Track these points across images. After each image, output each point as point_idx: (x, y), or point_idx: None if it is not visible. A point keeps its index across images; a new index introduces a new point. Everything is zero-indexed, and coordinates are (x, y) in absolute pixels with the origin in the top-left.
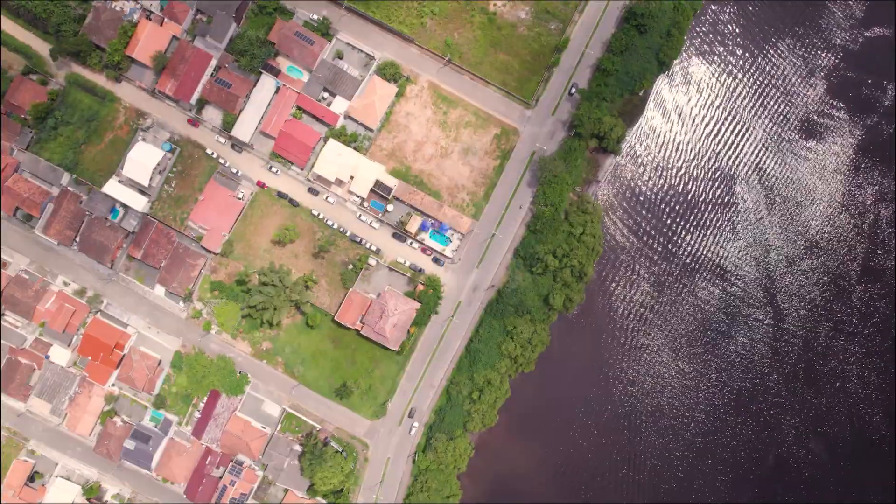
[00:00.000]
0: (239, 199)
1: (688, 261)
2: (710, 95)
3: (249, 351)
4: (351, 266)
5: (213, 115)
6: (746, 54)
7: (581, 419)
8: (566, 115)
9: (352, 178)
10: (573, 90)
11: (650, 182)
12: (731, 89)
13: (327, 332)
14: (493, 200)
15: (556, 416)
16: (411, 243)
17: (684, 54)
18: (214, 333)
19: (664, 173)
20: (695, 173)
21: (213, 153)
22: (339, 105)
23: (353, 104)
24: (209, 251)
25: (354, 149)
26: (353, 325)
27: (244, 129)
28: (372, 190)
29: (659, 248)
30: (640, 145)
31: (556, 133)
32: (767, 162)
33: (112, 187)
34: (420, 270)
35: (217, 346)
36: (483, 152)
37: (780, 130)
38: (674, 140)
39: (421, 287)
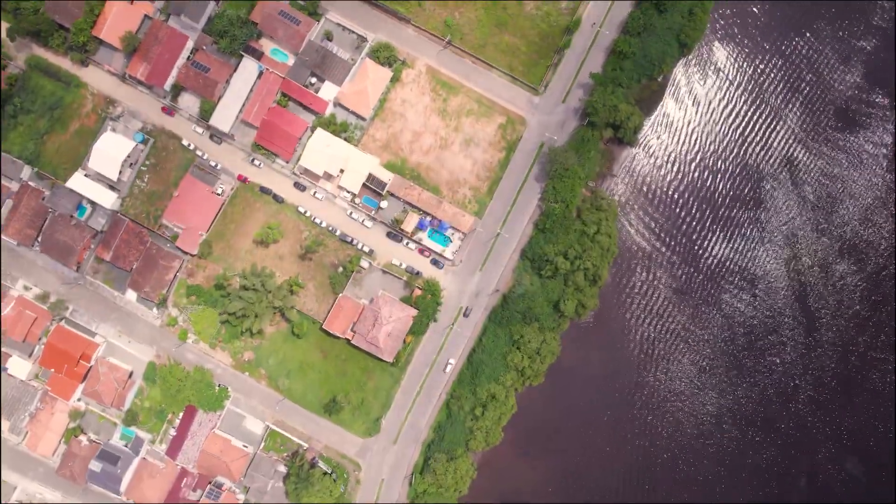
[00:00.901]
0: (218, 194)
1: (711, 264)
2: (736, 81)
3: (230, 362)
4: (341, 269)
5: (189, 102)
6: (777, 35)
7: (594, 437)
8: (578, 102)
9: (342, 171)
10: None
11: (669, 177)
12: (759, 75)
13: (315, 341)
14: (497, 196)
15: (566, 434)
16: (407, 244)
17: (708, 36)
18: (191, 343)
19: (685, 167)
20: (719, 168)
21: (189, 144)
22: (327, 91)
23: (344, 90)
24: (185, 252)
25: (345, 139)
26: (342, 333)
27: (224, 117)
28: (364, 185)
29: (679, 250)
30: (659, 136)
31: (568, 122)
32: (800, 155)
33: (77, 182)
34: (417, 273)
35: (194, 356)
36: (487, 143)
37: (814, 120)
38: (696, 131)
39: (418, 292)
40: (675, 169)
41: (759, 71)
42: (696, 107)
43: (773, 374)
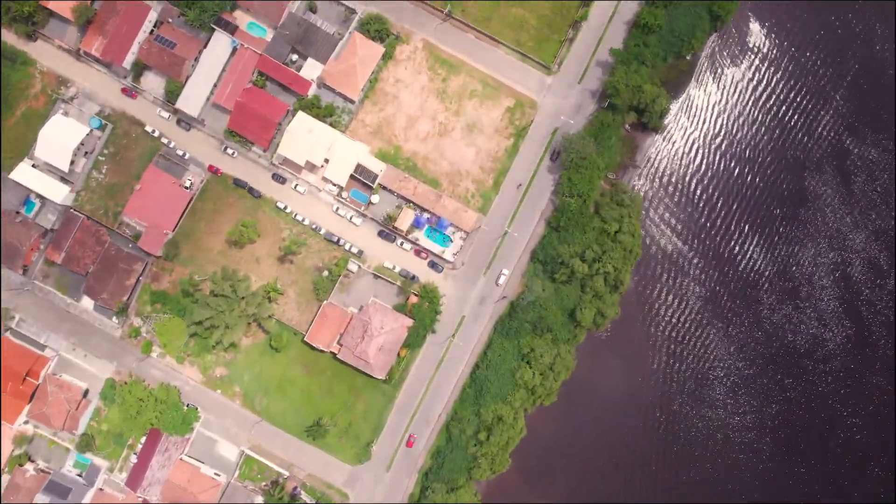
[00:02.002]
0: (186, 188)
1: (746, 269)
2: (775, 60)
3: (200, 378)
4: (326, 272)
5: (153, 82)
6: (823, 7)
7: (613, 462)
8: (596, 82)
9: (326, 161)
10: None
11: (698, 169)
12: (802, 52)
13: (296, 355)
14: (504, 190)
15: (580, 459)
16: (402, 244)
17: (744, 7)
18: (156, 357)
19: (716, 158)
20: (755, 159)
21: (153, 131)
22: (311, 70)
23: (329, 69)
24: (149, 254)
25: (330, 124)
26: (327, 347)
27: (192, 100)
28: (352, 176)
29: (709, 253)
30: (688, 122)
31: (584, 105)
32: (848, 144)
33: (23, 173)
34: (413, 278)
35: (159, 372)
36: (492, 129)
37: (865, 104)
38: (729, 117)
39: (414, 299)
40: (704, 160)
41: (801, 48)
42: (729, 89)
43: (818, 398)
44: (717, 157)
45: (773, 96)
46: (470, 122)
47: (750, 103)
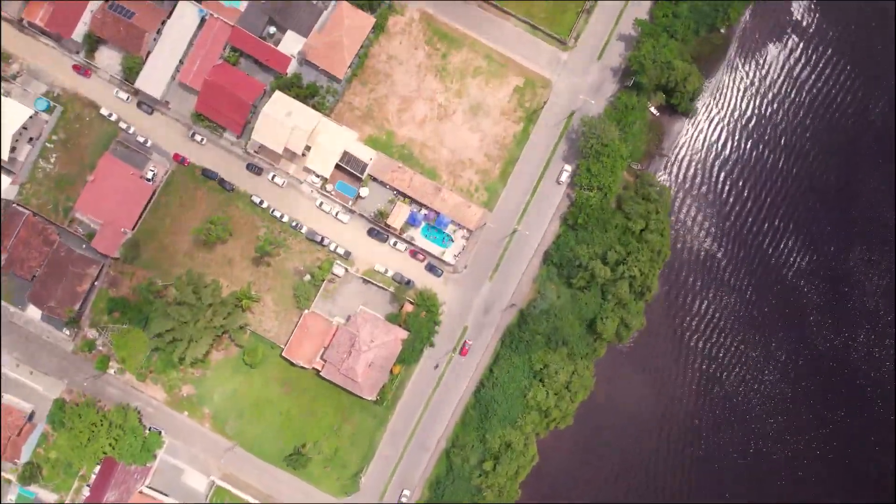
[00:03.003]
0: (148, 180)
1: (790, 277)
2: (823, 34)
3: (164, 398)
4: (308, 277)
5: (109, 58)
6: None
7: (635, 493)
8: (618, 58)
9: (308, 149)
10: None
11: (735, 158)
12: (853, 26)
13: (274, 372)
14: (513, 182)
15: (599, 489)
16: (395, 244)
17: None
18: (113, 374)
19: (755, 146)
20: (799, 148)
21: (110, 114)
22: (291, 44)
23: (312, 43)
24: (105, 255)
25: (313, 107)
26: (308, 363)
27: (154, 79)
28: (338, 166)
29: (746, 256)
30: (722, 105)
31: (605, 85)
32: None
33: None
34: (408, 283)
35: (117, 391)
36: (499, 112)
37: None
38: (769, 99)
39: (409, 308)
40: (740, 148)
41: (851, 22)
42: (769, 67)
43: (871, 420)
44: (755, 146)
45: (821, 76)
46: (473, 104)
47: (793, 83)
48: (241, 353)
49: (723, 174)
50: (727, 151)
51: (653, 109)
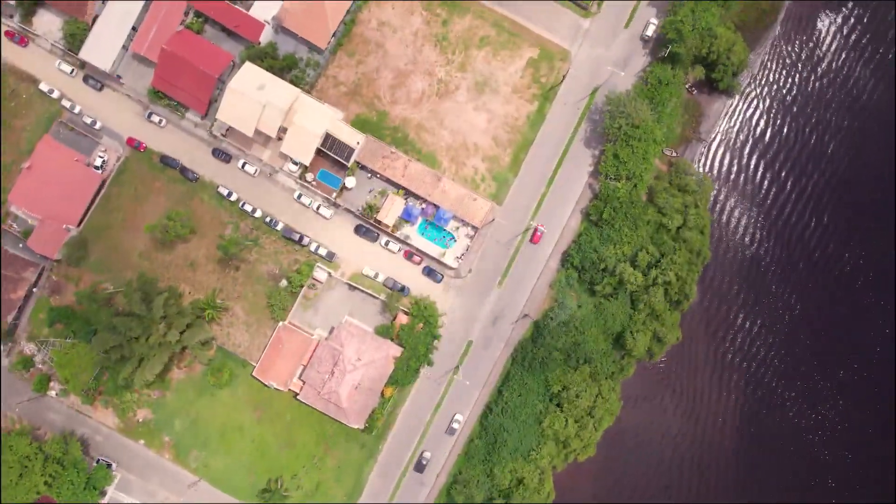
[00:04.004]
0: (97, 167)
1: (850, 286)
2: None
3: (115, 424)
4: (284, 282)
5: (49, 23)
6: None
7: None
8: (650, 26)
9: (285, 130)
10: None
11: (785, 144)
12: None
13: (245, 394)
14: (526, 170)
15: None
16: (387, 243)
17: None
18: (54, 395)
19: (808, 131)
20: (856, 136)
21: (51, 90)
22: (264, 8)
23: (289, 6)
24: (45, 257)
25: (290, 81)
26: (283, 385)
27: (103, 48)
28: (320, 151)
29: (798, 261)
30: (772, 82)
31: (634, 57)
32: None
33: None
34: (402, 290)
35: (59, 416)
36: (510, 89)
37: None
38: (826, 76)
39: (403, 319)
40: (792, 132)
41: None
42: (827, 38)
43: None
44: (810, 131)
45: (889, 50)
46: (480, 80)
47: (856, 59)
48: (205, 372)
49: (764, 162)
50: (771, 137)
51: (689, 86)
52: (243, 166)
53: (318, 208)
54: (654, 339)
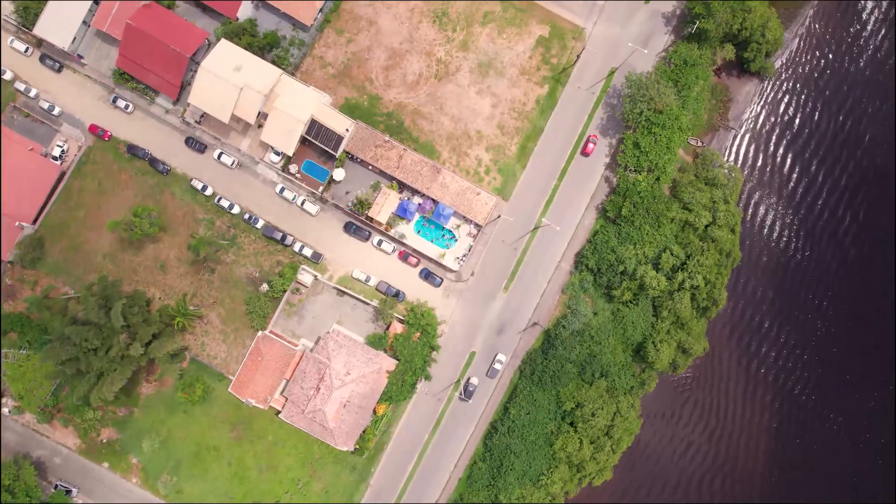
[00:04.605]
0: (55, 158)
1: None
2: None
3: (76, 445)
4: (265, 286)
5: None
6: None
7: None
8: (672, 2)
9: (264, 116)
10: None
11: (821, 133)
12: None
13: (222, 411)
14: (536, 162)
15: None
16: (380, 243)
17: None
18: (8, 413)
19: (846, 118)
20: None
21: (3, 72)
22: None
23: None
24: None
25: (272, 62)
26: (263, 402)
27: (60, 24)
28: (305, 140)
29: (837, 265)
30: (805, 63)
31: (655, 36)
32: None
33: None
34: (397, 295)
35: (13, 436)
36: (517, 71)
37: None
38: (867, 58)
39: (398, 328)
40: (827, 121)
41: None
42: (867, 17)
43: None
44: (844, 117)
45: None
46: (484, 61)
47: None
48: (176, 387)
49: (794, 152)
50: (802, 124)
51: (717, 68)
52: (219, 157)
53: (302, 204)
54: (679, 351)
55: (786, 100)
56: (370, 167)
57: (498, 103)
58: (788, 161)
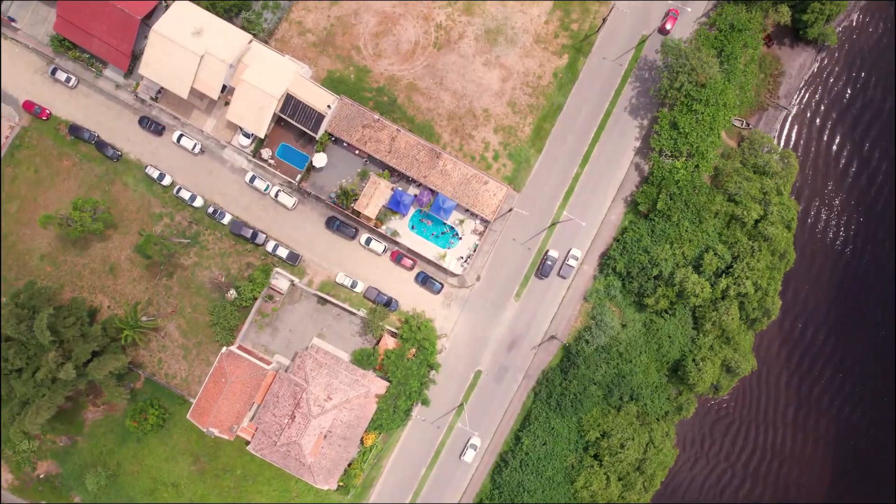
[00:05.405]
0: None
1: None
2: None
3: (7, 481)
4: (233, 293)
5: None
6: None
7: None
8: None
9: (230, 91)
10: None
11: (883, 115)
12: None
13: (183, 440)
14: (553, 145)
15: None
16: (369, 242)
17: None
18: None
19: None
20: None
21: None
22: None
23: None
24: None
25: (242, 27)
26: (227, 431)
27: None
28: (279, 119)
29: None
30: (865, 31)
31: None
32: None
33: None
34: (388, 304)
35: None
36: (531, 39)
37: None
38: None
39: (389, 342)
40: (891, 101)
41: None
42: None
43: None
44: None
45: None
46: (492, 27)
47: None
48: (127, 413)
49: (852, 136)
50: (863, 104)
51: (768, 35)
52: (179, 140)
53: (277, 195)
54: (725, 369)
55: (844, 76)
56: (357, 152)
57: (508, 77)
58: (842, 145)
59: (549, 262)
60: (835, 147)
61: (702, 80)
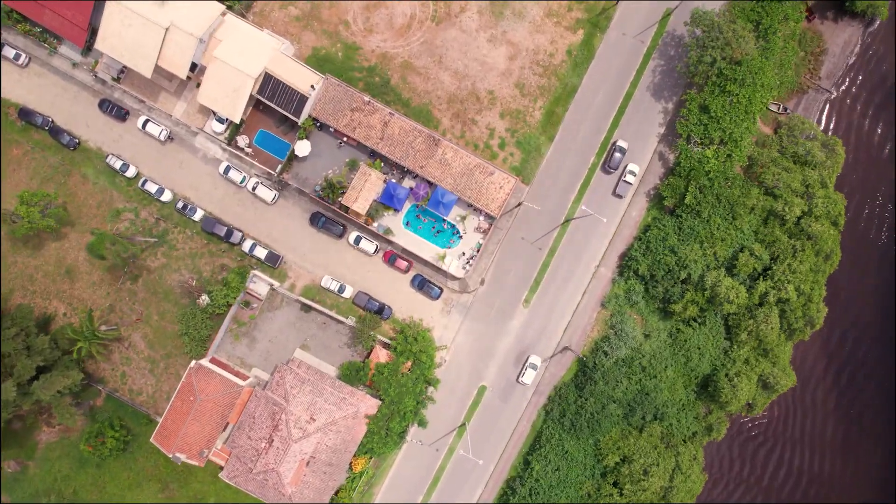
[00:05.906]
0: None
1: None
2: None
3: None
4: (205, 298)
5: None
6: None
7: None
8: None
9: (201, 70)
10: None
11: None
12: None
13: (147, 465)
14: (566, 132)
15: None
16: (359, 241)
17: None
18: None
19: None
20: None
21: None
22: None
23: None
24: None
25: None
26: (195, 457)
27: None
28: (257, 102)
29: None
30: None
31: None
32: None
33: None
34: (380, 311)
35: None
36: (542, 12)
37: None
38: None
39: (382, 355)
40: None
41: None
42: None
43: None
44: None
45: None
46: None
47: None
48: (84, 435)
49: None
50: None
51: (809, 8)
52: (145, 126)
53: (255, 188)
54: (763, 385)
55: (892, 55)
56: (345, 139)
57: (516, 54)
58: (886, 131)
59: (619, 154)
60: (878, 134)
61: (737, 57)
